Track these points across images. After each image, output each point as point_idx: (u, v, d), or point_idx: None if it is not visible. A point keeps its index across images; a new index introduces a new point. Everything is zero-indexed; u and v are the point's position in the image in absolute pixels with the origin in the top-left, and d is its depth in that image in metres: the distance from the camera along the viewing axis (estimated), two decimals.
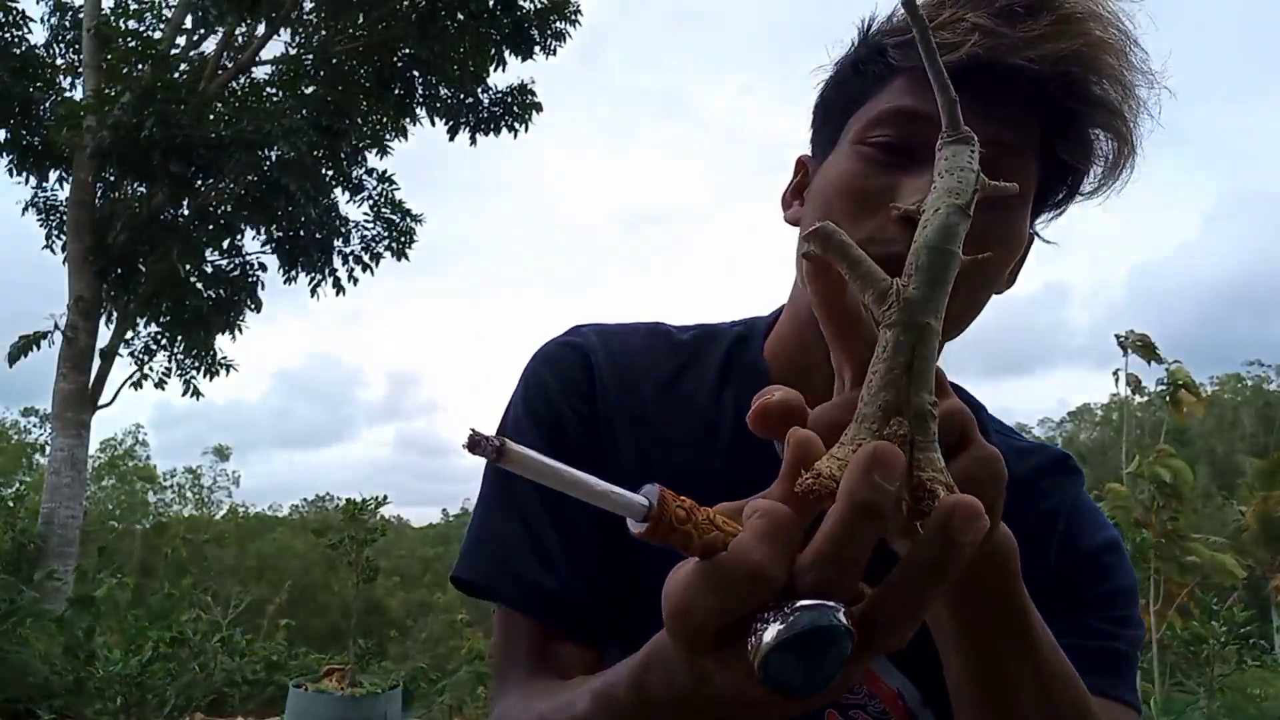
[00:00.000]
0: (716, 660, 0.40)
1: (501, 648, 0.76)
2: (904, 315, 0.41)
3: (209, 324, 10.59)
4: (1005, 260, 0.72)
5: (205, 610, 10.56)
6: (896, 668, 0.76)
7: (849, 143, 0.73)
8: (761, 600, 0.38)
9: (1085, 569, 0.80)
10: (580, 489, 0.36)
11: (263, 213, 10.22)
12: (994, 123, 0.68)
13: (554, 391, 0.81)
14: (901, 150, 0.70)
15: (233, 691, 6.46)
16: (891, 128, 0.71)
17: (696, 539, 0.38)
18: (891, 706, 0.76)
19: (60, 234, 10.64)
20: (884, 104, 0.72)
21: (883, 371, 0.41)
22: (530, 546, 0.74)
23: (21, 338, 9.96)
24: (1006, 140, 0.68)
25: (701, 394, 0.81)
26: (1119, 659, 0.77)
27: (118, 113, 8.94)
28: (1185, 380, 4.17)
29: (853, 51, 0.78)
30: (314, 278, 10.78)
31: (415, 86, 10.83)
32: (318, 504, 34.41)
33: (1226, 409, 39.29)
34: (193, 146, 9.01)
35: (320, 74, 10.72)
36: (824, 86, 0.80)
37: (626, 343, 0.84)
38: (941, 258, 0.42)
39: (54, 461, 9.44)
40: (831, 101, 0.79)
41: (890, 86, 0.73)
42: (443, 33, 10.04)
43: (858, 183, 0.71)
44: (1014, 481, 0.77)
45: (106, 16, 10.32)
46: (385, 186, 11.27)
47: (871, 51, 0.75)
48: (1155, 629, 4.48)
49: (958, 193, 0.44)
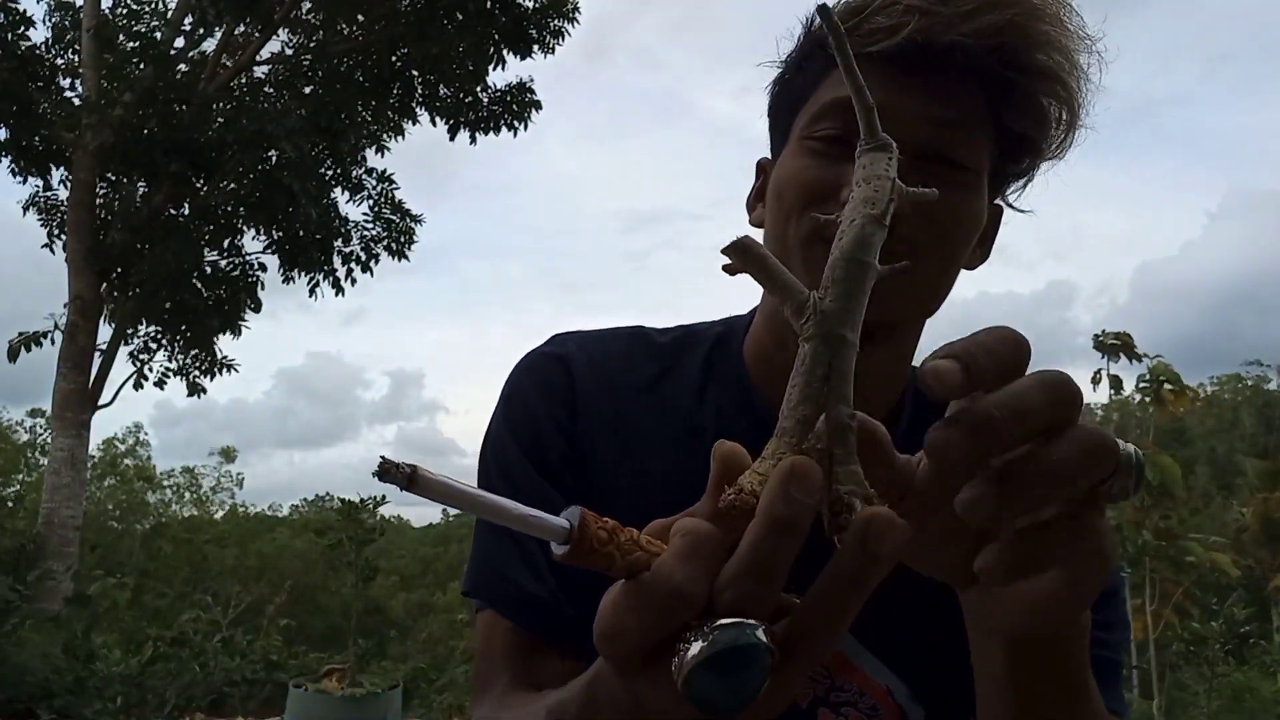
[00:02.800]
0: (647, 681, 0.40)
1: (484, 655, 0.76)
2: (821, 328, 0.41)
3: (209, 323, 10.59)
4: (965, 239, 0.72)
5: (205, 610, 10.57)
6: (885, 664, 0.76)
7: (796, 139, 0.74)
8: (684, 619, 0.38)
9: None
10: (498, 514, 0.36)
11: (263, 213, 10.23)
12: (938, 101, 0.69)
13: (535, 404, 0.80)
14: (847, 141, 0.70)
15: (232, 691, 6.46)
16: (834, 120, 0.71)
17: (619, 560, 0.38)
18: (882, 702, 0.76)
19: (61, 233, 10.65)
20: (825, 96, 0.72)
21: (801, 385, 0.41)
22: (518, 555, 0.74)
23: (21, 335, 9.96)
24: (952, 118, 0.69)
25: (683, 398, 0.81)
26: (1108, 668, 0.75)
27: (119, 112, 8.95)
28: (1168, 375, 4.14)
29: (796, 48, 0.78)
30: (313, 278, 10.79)
31: (415, 86, 10.84)
32: (318, 504, 34.41)
33: (1226, 409, 39.28)
34: (193, 146, 9.02)
35: (320, 74, 10.73)
36: (773, 86, 0.81)
37: (607, 349, 0.84)
38: (857, 269, 0.42)
39: (54, 461, 9.44)
40: (780, 100, 0.79)
41: (831, 79, 0.73)
42: (442, 32, 10.05)
43: (806, 177, 0.71)
44: None
45: (107, 17, 10.32)
46: (385, 186, 11.28)
47: (812, 46, 0.75)
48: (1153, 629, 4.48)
49: (873, 202, 0.44)
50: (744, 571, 0.37)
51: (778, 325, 0.78)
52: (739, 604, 0.37)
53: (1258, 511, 21.43)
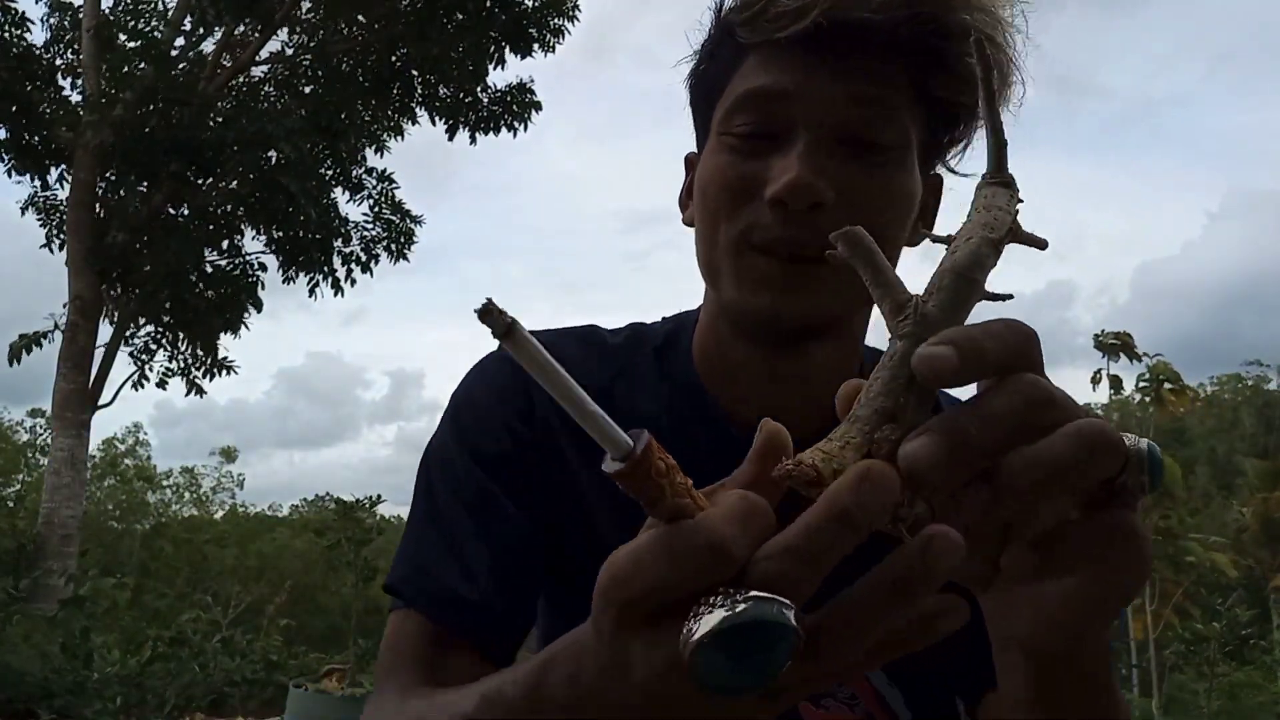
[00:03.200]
0: (644, 641, 0.37)
1: (390, 651, 0.72)
2: (918, 329, 0.40)
3: (209, 323, 10.59)
4: (898, 220, 0.70)
5: (205, 610, 10.57)
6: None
7: (715, 134, 0.72)
8: (714, 579, 0.35)
9: None
10: (572, 400, 0.35)
11: (263, 212, 10.23)
12: (853, 80, 0.66)
13: (486, 412, 0.77)
14: (764, 134, 0.69)
15: (232, 691, 6.46)
16: (749, 113, 0.69)
17: (668, 497, 0.36)
18: (860, 690, 0.75)
19: (60, 233, 10.65)
20: (739, 88, 0.70)
21: (886, 378, 0.40)
22: (451, 556, 0.72)
23: (21, 337, 9.96)
24: (869, 95, 0.67)
25: (636, 399, 0.78)
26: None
27: (119, 112, 8.95)
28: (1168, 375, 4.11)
29: (707, 36, 0.75)
30: (313, 278, 10.79)
31: (414, 86, 10.84)
32: (318, 504, 34.39)
33: (1226, 409, 39.27)
34: (193, 146, 9.02)
35: (320, 74, 10.73)
36: (689, 78, 0.78)
37: (562, 353, 0.79)
38: (965, 285, 0.42)
39: (54, 461, 9.44)
40: (697, 92, 0.77)
41: (744, 68, 0.70)
42: (441, 31, 10.04)
43: (728, 174, 0.69)
44: None
45: (107, 17, 10.32)
46: (385, 186, 11.29)
47: (722, 34, 0.73)
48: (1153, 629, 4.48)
49: (992, 227, 0.43)
50: (793, 548, 0.35)
51: (719, 327, 0.76)
52: (779, 579, 0.34)
53: (1258, 511, 21.42)
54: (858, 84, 0.67)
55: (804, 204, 0.65)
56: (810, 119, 0.67)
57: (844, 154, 0.67)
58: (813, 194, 0.65)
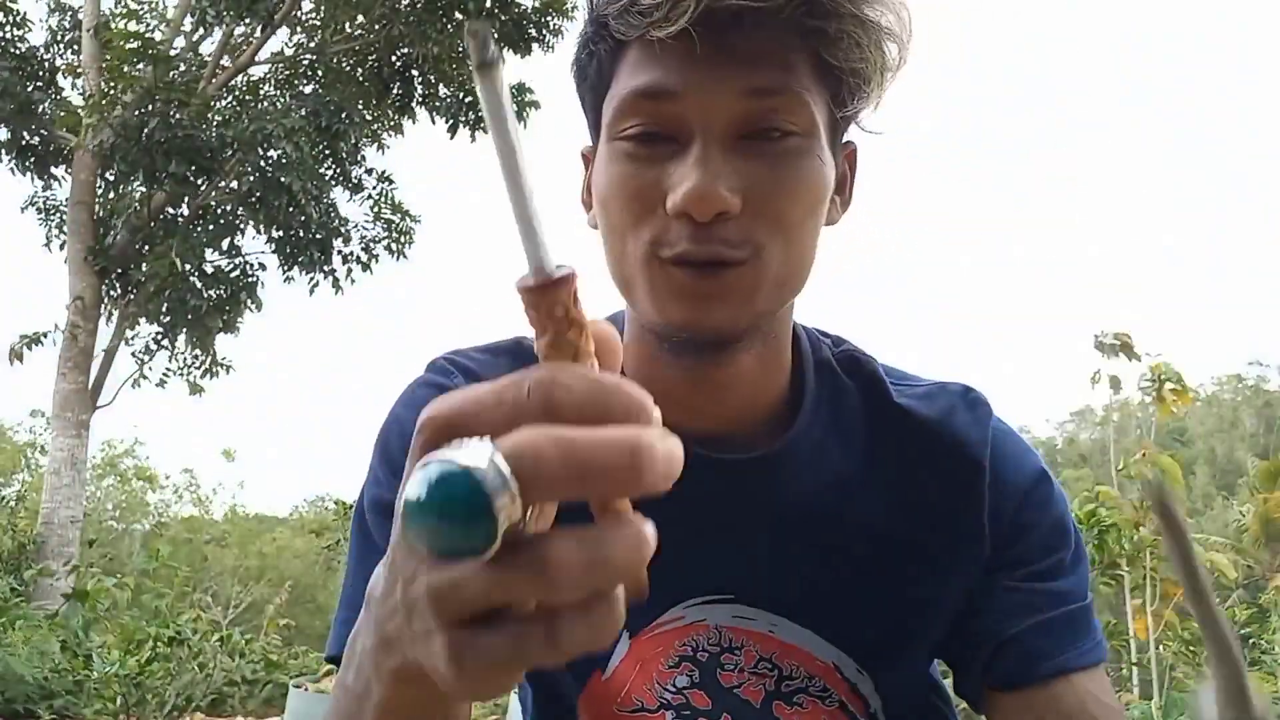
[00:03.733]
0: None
1: None
2: None
3: (209, 323, 10.59)
4: (812, 208, 0.66)
5: (205, 610, 10.56)
6: (826, 640, 0.74)
7: (606, 138, 0.68)
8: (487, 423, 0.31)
9: (1022, 513, 0.75)
10: (517, 186, 0.31)
11: (263, 212, 10.22)
12: (749, 72, 0.62)
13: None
14: (657, 136, 0.64)
15: (232, 691, 6.45)
16: (638, 115, 0.65)
17: (553, 333, 0.33)
18: (831, 681, 0.75)
19: (60, 233, 10.64)
20: (623, 88, 0.66)
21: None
22: None
23: (22, 337, 9.96)
24: (769, 85, 0.62)
25: None
26: (1079, 616, 0.73)
27: (119, 112, 8.95)
28: (1169, 375, 4.13)
29: (583, 30, 0.70)
30: (312, 277, 10.79)
31: (414, 85, 10.84)
32: (318, 504, 34.39)
33: (1226, 409, 39.27)
34: (193, 146, 9.02)
35: (319, 73, 10.73)
36: (571, 68, 0.74)
37: (495, 371, 0.76)
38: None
39: (54, 461, 9.44)
40: (581, 87, 0.73)
41: (624, 65, 0.66)
42: (441, 31, 10.05)
43: (627, 187, 0.65)
44: (927, 426, 0.76)
45: (106, 17, 10.32)
46: (385, 186, 11.30)
47: (596, 27, 0.67)
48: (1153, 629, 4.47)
49: None
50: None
51: (642, 335, 0.72)
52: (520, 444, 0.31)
53: (1258, 511, 21.41)
54: (751, 75, 0.62)
55: (708, 215, 0.62)
56: (704, 119, 0.63)
57: (745, 151, 0.63)
58: (716, 203, 0.61)
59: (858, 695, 0.75)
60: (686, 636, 0.74)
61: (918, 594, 0.74)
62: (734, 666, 0.74)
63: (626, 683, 0.74)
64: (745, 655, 0.74)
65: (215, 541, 26.18)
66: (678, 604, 0.74)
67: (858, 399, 0.78)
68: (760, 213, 0.63)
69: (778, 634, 0.74)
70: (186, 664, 5.93)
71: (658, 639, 0.74)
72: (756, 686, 0.74)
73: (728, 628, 0.74)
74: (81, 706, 5.62)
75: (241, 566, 25.64)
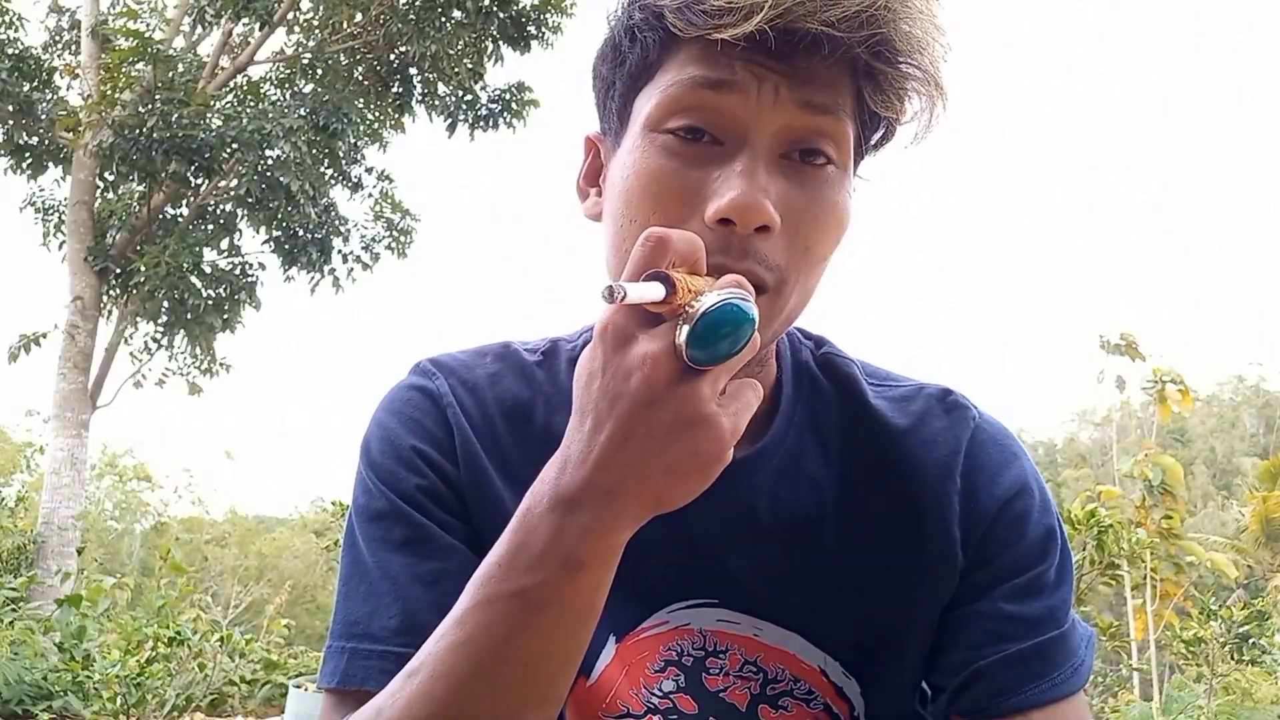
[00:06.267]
0: (643, 337, 0.51)
1: None
2: None
3: (208, 323, 10.59)
4: (835, 238, 0.66)
5: (205, 610, 10.56)
6: (812, 643, 0.74)
7: (643, 129, 0.65)
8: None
9: (996, 528, 0.73)
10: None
11: (262, 212, 10.22)
12: (802, 85, 0.62)
13: (407, 452, 0.71)
14: (704, 138, 0.63)
15: (232, 691, 6.45)
16: (690, 111, 0.63)
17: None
18: (817, 684, 0.74)
19: (58, 233, 10.64)
20: (674, 78, 0.63)
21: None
22: (385, 613, 0.67)
23: (21, 337, 9.96)
24: (819, 102, 0.62)
25: (555, 418, 0.73)
26: (1051, 647, 0.70)
27: (119, 112, 8.95)
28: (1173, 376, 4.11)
29: (624, 13, 0.67)
30: (313, 277, 10.79)
31: (413, 84, 10.84)
32: (318, 504, 34.39)
33: (1226, 409, 39.28)
34: (193, 146, 9.01)
35: (318, 72, 10.73)
36: (599, 55, 0.70)
37: (480, 376, 0.76)
38: None
39: (54, 461, 9.43)
40: (611, 75, 0.69)
41: (677, 56, 0.64)
42: (440, 30, 10.05)
43: (663, 184, 0.63)
44: (898, 431, 0.75)
45: (105, 17, 10.31)
46: (385, 185, 11.30)
47: (648, 15, 0.64)
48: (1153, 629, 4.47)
49: None
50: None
51: None
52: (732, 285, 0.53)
53: (1258, 511, 21.39)
54: (810, 88, 0.62)
55: (751, 227, 0.61)
56: (759, 120, 0.62)
57: (787, 171, 0.63)
58: (762, 215, 0.60)
59: (843, 698, 0.75)
60: (672, 641, 0.74)
61: (896, 600, 0.74)
62: (719, 670, 0.74)
63: (612, 687, 0.74)
64: (730, 659, 0.74)
65: (215, 541, 26.19)
66: (662, 608, 0.74)
67: (835, 402, 0.77)
68: (793, 238, 0.63)
69: (762, 637, 0.74)
70: (186, 664, 5.92)
71: (643, 643, 0.74)
72: (742, 690, 0.74)
73: (713, 632, 0.74)
74: (81, 706, 5.62)
75: (241, 566, 25.66)
